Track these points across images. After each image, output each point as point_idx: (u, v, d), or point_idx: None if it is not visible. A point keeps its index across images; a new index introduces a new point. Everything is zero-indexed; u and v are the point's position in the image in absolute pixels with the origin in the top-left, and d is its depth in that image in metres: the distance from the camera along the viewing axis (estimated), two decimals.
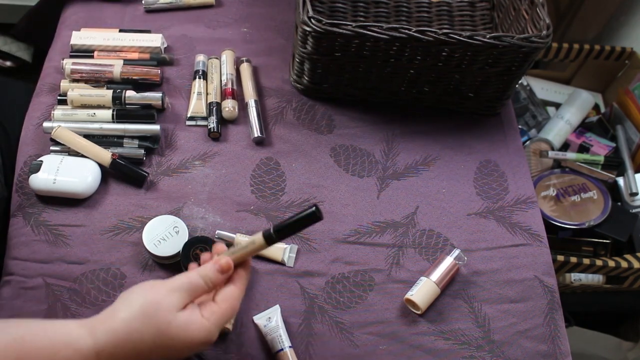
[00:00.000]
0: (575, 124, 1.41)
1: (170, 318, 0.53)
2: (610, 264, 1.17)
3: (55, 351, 0.52)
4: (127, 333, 0.53)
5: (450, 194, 0.85)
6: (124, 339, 0.53)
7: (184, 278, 0.56)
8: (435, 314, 0.75)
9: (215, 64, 0.90)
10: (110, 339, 0.53)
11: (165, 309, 0.54)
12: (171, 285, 0.55)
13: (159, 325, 0.53)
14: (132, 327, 0.53)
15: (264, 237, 0.58)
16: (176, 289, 0.55)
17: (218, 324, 0.56)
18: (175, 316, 0.54)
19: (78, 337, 0.53)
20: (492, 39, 0.77)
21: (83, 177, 0.76)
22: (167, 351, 0.54)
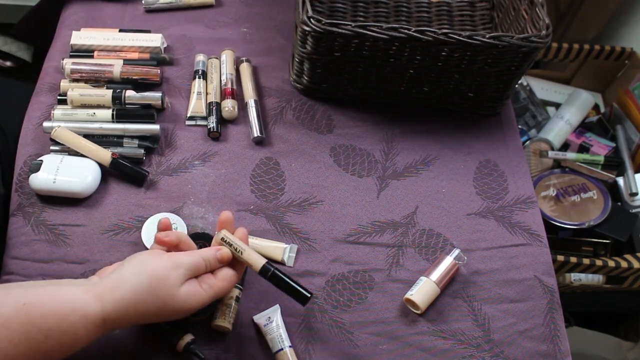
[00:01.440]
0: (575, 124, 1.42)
1: (174, 292, 0.58)
2: (610, 264, 1.17)
3: (62, 317, 0.54)
4: (134, 303, 0.57)
5: (450, 194, 0.85)
6: (131, 308, 0.57)
7: (188, 258, 0.61)
8: (435, 313, 0.75)
9: (215, 63, 0.91)
10: (117, 307, 0.57)
11: (171, 283, 0.58)
12: (176, 261, 0.60)
13: (165, 298, 0.58)
14: (139, 297, 0.57)
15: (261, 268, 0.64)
16: (181, 266, 0.60)
17: (213, 296, 0.62)
18: (178, 291, 0.59)
19: (85, 303, 0.56)
20: (492, 39, 0.77)
21: (83, 176, 0.76)
22: (166, 317, 0.60)
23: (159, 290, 0.58)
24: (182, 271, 0.59)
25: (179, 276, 0.59)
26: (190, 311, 0.60)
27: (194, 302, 0.60)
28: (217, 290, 0.62)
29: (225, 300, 0.70)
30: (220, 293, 0.63)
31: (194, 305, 0.60)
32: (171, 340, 0.68)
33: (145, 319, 0.60)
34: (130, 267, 0.59)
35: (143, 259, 0.60)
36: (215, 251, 0.63)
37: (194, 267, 0.61)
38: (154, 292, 0.58)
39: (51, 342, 0.54)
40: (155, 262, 0.59)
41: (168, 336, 0.68)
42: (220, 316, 0.69)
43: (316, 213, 0.80)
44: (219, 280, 0.63)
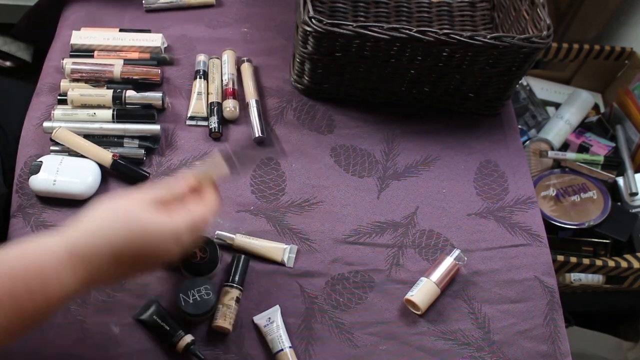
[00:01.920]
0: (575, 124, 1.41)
1: (139, 213, 0.54)
2: (610, 264, 1.17)
3: (25, 252, 0.51)
4: (98, 227, 0.53)
5: (450, 194, 0.85)
6: (95, 233, 0.53)
7: (152, 191, 0.57)
8: (435, 314, 0.75)
9: (216, 63, 0.90)
10: (80, 235, 0.52)
11: (134, 207, 0.54)
12: (139, 194, 0.56)
13: (129, 218, 0.53)
14: (102, 222, 0.53)
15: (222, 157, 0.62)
16: (144, 194, 0.56)
17: (187, 224, 0.56)
18: (144, 212, 0.54)
19: (47, 238, 0.52)
20: (493, 40, 0.77)
21: (83, 177, 0.76)
22: (140, 250, 0.54)
23: (122, 214, 0.53)
24: (147, 201, 0.55)
25: (143, 203, 0.55)
26: (165, 240, 0.55)
27: (164, 224, 0.54)
28: (190, 218, 0.56)
29: (225, 301, 0.70)
30: (195, 221, 0.57)
31: (165, 229, 0.54)
32: (171, 340, 0.68)
33: (115, 250, 0.52)
34: (91, 206, 0.55)
35: (103, 198, 0.56)
36: (180, 181, 0.59)
37: (159, 198, 0.56)
38: (117, 215, 0.53)
39: (17, 283, 0.48)
40: (116, 197, 0.55)
41: (168, 337, 0.68)
42: (220, 317, 0.69)
43: (316, 213, 0.80)
44: (191, 209, 0.58)
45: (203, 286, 0.70)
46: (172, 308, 0.71)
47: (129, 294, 0.72)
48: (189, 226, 0.56)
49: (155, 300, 0.71)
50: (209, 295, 0.69)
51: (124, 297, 0.72)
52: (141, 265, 0.56)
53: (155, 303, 0.71)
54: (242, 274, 0.73)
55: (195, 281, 0.70)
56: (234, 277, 0.72)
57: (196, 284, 0.70)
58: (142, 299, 0.71)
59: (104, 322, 0.70)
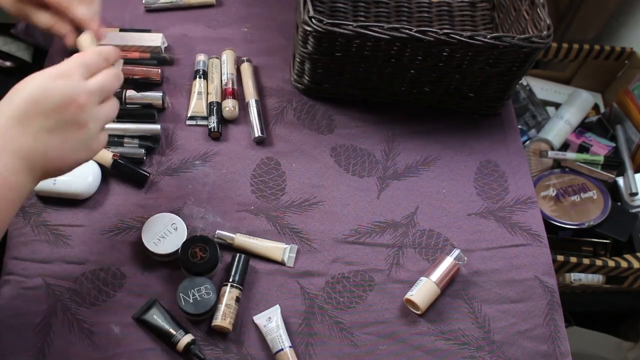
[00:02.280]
0: (575, 124, 1.42)
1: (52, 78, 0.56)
2: (610, 264, 1.17)
3: None
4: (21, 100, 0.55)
5: (450, 194, 0.85)
6: (18, 101, 0.55)
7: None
8: (435, 314, 0.75)
9: (216, 63, 0.90)
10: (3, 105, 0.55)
11: (44, 75, 0.56)
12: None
13: (21, 93, 0.55)
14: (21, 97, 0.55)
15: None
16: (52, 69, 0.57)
17: (68, 62, 0.58)
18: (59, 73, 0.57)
19: None
20: (493, 40, 0.77)
21: (83, 177, 0.76)
22: (36, 97, 0.55)
23: (36, 80, 0.56)
24: (54, 68, 0.57)
25: (52, 69, 0.57)
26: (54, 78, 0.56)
27: (51, 70, 0.57)
28: (77, 55, 0.59)
29: (225, 301, 0.70)
30: (82, 54, 0.60)
31: (53, 70, 0.57)
32: (171, 340, 0.68)
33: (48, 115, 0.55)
34: None
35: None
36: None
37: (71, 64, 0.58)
38: (34, 83, 0.56)
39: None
40: (33, 80, 0.57)
41: (168, 336, 0.68)
42: (220, 317, 0.69)
43: (316, 213, 0.80)
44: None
45: (203, 286, 0.70)
46: (172, 308, 0.71)
47: (129, 294, 0.72)
48: (70, 61, 0.58)
49: (155, 300, 0.71)
50: (209, 295, 0.69)
51: (124, 297, 0.72)
52: (51, 118, 0.56)
53: (155, 303, 0.71)
54: (242, 274, 0.73)
55: (195, 280, 0.70)
56: (234, 277, 0.72)
57: (196, 283, 0.70)
58: (142, 299, 0.71)
59: (104, 322, 0.70)
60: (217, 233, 0.76)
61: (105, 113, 0.60)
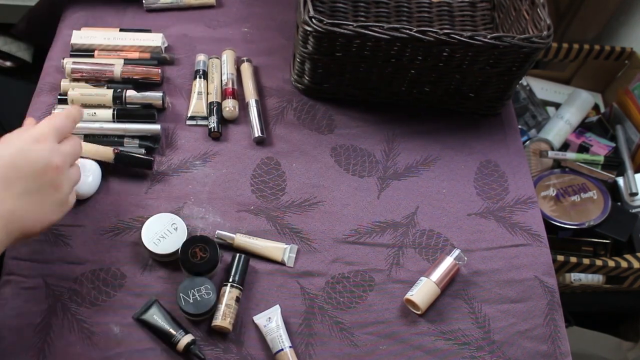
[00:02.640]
0: (575, 124, 1.42)
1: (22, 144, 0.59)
2: (610, 264, 1.17)
3: None
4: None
5: (450, 194, 0.85)
6: None
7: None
8: (435, 314, 0.75)
9: (216, 63, 0.90)
10: None
11: (14, 138, 0.59)
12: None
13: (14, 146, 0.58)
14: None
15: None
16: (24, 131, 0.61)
17: (42, 126, 0.61)
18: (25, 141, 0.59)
19: None
20: (493, 40, 0.77)
21: (83, 177, 0.76)
22: (10, 158, 0.57)
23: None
24: (25, 133, 0.60)
25: (21, 132, 0.60)
26: (28, 142, 0.59)
27: (26, 133, 0.59)
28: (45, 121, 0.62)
29: (225, 301, 0.70)
30: (50, 120, 0.62)
31: (29, 134, 0.59)
32: (171, 340, 0.68)
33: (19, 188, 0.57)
34: None
35: None
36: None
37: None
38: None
39: None
40: (12, 144, 0.59)
41: (168, 337, 0.68)
42: (220, 317, 0.69)
43: (317, 213, 0.80)
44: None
45: (203, 286, 0.70)
46: (172, 308, 0.71)
47: (129, 294, 0.72)
48: (44, 126, 0.61)
49: (155, 300, 0.71)
50: (209, 295, 0.69)
51: (124, 297, 0.72)
52: (32, 181, 0.58)
53: (155, 303, 0.71)
54: (242, 274, 0.73)
55: (195, 281, 0.70)
56: (234, 277, 0.72)
57: (196, 283, 0.70)
58: (142, 299, 0.71)
59: (104, 322, 0.70)
60: (217, 233, 0.76)
61: (74, 175, 0.64)
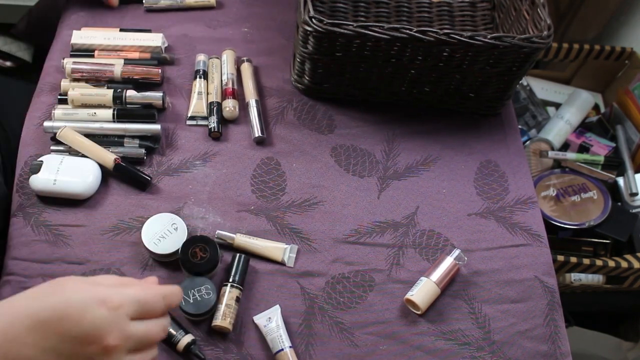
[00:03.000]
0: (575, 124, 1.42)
1: (66, 282, 0.49)
2: (610, 264, 1.17)
3: None
4: (24, 300, 0.48)
5: (450, 194, 0.85)
6: (19, 300, 0.48)
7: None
8: (435, 314, 0.75)
9: (216, 63, 0.90)
10: (4, 304, 0.47)
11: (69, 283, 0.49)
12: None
13: (59, 297, 0.47)
14: (31, 297, 0.48)
15: None
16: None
17: (115, 288, 0.50)
18: (71, 282, 0.49)
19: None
20: (493, 40, 0.77)
21: (83, 177, 0.76)
22: (61, 315, 0.47)
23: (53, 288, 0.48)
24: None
25: (104, 290, 0.48)
26: (91, 304, 0.47)
27: (93, 291, 0.48)
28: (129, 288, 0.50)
29: (225, 301, 0.70)
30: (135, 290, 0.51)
31: (94, 294, 0.48)
32: (172, 340, 0.68)
33: (39, 320, 0.46)
34: None
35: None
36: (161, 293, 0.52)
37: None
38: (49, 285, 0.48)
39: None
40: (78, 292, 0.48)
41: (169, 337, 0.68)
42: (220, 317, 0.69)
43: (317, 213, 0.80)
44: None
45: (203, 286, 0.70)
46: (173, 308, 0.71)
47: None
48: (128, 292, 0.50)
49: None
50: (209, 295, 0.69)
51: None
52: (68, 344, 0.47)
53: None
54: (243, 274, 0.73)
55: (195, 281, 0.70)
56: (234, 277, 0.72)
57: (196, 283, 0.70)
58: None
59: None
60: (217, 233, 0.76)
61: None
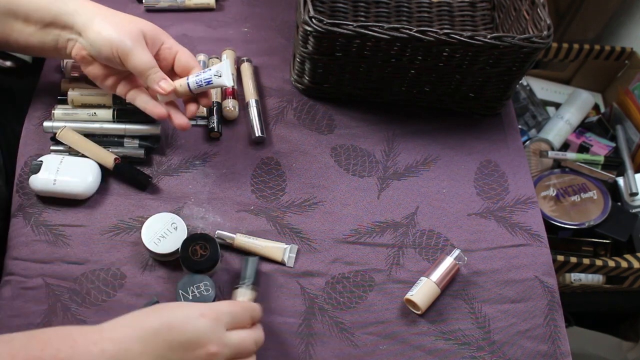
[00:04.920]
0: (575, 124, 1.42)
1: (175, 308, 0.57)
2: (610, 264, 1.17)
3: (72, 341, 0.53)
4: (131, 316, 0.56)
5: (450, 194, 0.85)
6: (126, 318, 0.56)
7: (213, 308, 0.58)
8: (435, 314, 0.75)
9: (216, 63, 0.90)
10: (112, 322, 0.56)
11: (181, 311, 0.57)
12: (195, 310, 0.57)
13: (163, 312, 0.56)
14: (136, 314, 0.56)
15: None
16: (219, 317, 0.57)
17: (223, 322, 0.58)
18: (185, 310, 0.57)
19: (81, 329, 0.55)
20: (493, 40, 0.77)
21: (83, 177, 0.76)
22: (170, 337, 0.54)
23: (159, 310, 0.56)
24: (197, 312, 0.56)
25: (203, 307, 0.57)
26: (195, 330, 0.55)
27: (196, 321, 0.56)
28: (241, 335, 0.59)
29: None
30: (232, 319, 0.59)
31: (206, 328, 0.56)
32: None
33: (146, 331, 0.55)
34: (139, 315, 0.57)
35: (155, 310, 0.57)
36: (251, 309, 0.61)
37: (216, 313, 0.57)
38: (154, 310, 0.56)
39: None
40: (168, 310, 0.57)
41: None
42: None
43: (317, 213, 0.80)
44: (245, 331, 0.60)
45: (202, 282, 0.70)
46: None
47: (129, 294, 0.72)
48: (222, 306, 0.59)
49: (156, 301, 0.71)
50: (208, 292, 0.69)
51: (124, 297, 0.72)
52: (175, 351, 0.55)
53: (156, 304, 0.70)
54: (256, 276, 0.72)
55: (194, 277, 0.70)
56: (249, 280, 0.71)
57: (195, 280, 0.70)
58: (142, 299, 0.71)
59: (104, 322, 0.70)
60: (218, 233, 0.76)
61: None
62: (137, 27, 0.69)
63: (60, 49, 0.71)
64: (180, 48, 0.73)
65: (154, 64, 0.69)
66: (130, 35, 0.67)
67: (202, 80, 0.71)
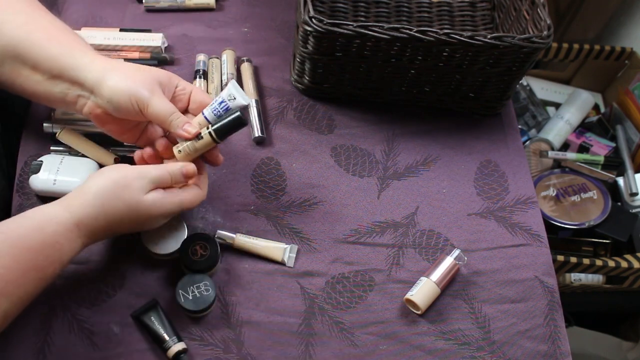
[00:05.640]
0: (575, 124, 1.42)
1: (138, 198, 0.63)
2: (610, 264, 1.17)
3: (39, 230, 0.59)
4: (101, 205, 0.62)
5: (450, 194, 0.85)
6: (100, 213, 0.62)
7: (153, 170, 0.65)
8: (435, 314, 0.75)
9: (216, 63, 0.90)
10: (86, 211, 0.62)
11: (134, 189, 0.63)
12: (139, 172, 0.64)
13: (129, 202, 0.63)
14: (105, 202, 0.62)
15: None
16: (144, 176, 0.64)
17: (179, 205, 0.66)
18: (143, 197, 0.63)
19: (55, 213, 0.61)
20: (493, 40, 0.77)
21: (83, 177, 0.76)
22: (135, 225, 0.66)
23: (123, 195, 0.62)
24: (145, 181, 0.64)
25: (143, 185, 0.63)
26: (156, 218, 0.66)
27: (161, 208, 0.65)
28: (183, 200, 0.66)
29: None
30: (186, 204, 0.67)
31: (161, 211, 0.65)
32: (163, 346, 0.68)
33: (118, 227, 0.64)
34: (94, 179, 0.64)
35: (106, 170, 0.65)
36: (180, 167, 0.66)
37: (157, 179, 0.65)
38: (119, 196, 0.62)
39: (39, 256, 0.58)
40: (119, 171, 0.64)
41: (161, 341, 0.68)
42: None
43: (317, 213, 0.80)
44: (185, 192, 0.67)
45: (202, 282, 0.70)
46: (173, 307, 0.71)
47: (129, 294, 0.72)
48: (179, 207, 0.67)
49: (156, 303, 0.71)
50: (208, 292, 0.69)
51: (124, 297, 0.72)
52: (130, 230, 0.67)
53: (156, 306, 0.70)
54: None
55: (194, 277, 0.70)
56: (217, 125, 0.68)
57: (195, 280, 0.70)
58: (142, 299, 0.71)
59: (104, 322, 0.70)
60: (218, 233, 0.76)
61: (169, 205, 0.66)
62: (151, 75, 0.67)
63: (69, 103, 0.69)
64: (193, 87, 0.72)
65: (174, 109, 0.67)
66: (146, 85, 0.66)
67: (218, 107, 0.68)
